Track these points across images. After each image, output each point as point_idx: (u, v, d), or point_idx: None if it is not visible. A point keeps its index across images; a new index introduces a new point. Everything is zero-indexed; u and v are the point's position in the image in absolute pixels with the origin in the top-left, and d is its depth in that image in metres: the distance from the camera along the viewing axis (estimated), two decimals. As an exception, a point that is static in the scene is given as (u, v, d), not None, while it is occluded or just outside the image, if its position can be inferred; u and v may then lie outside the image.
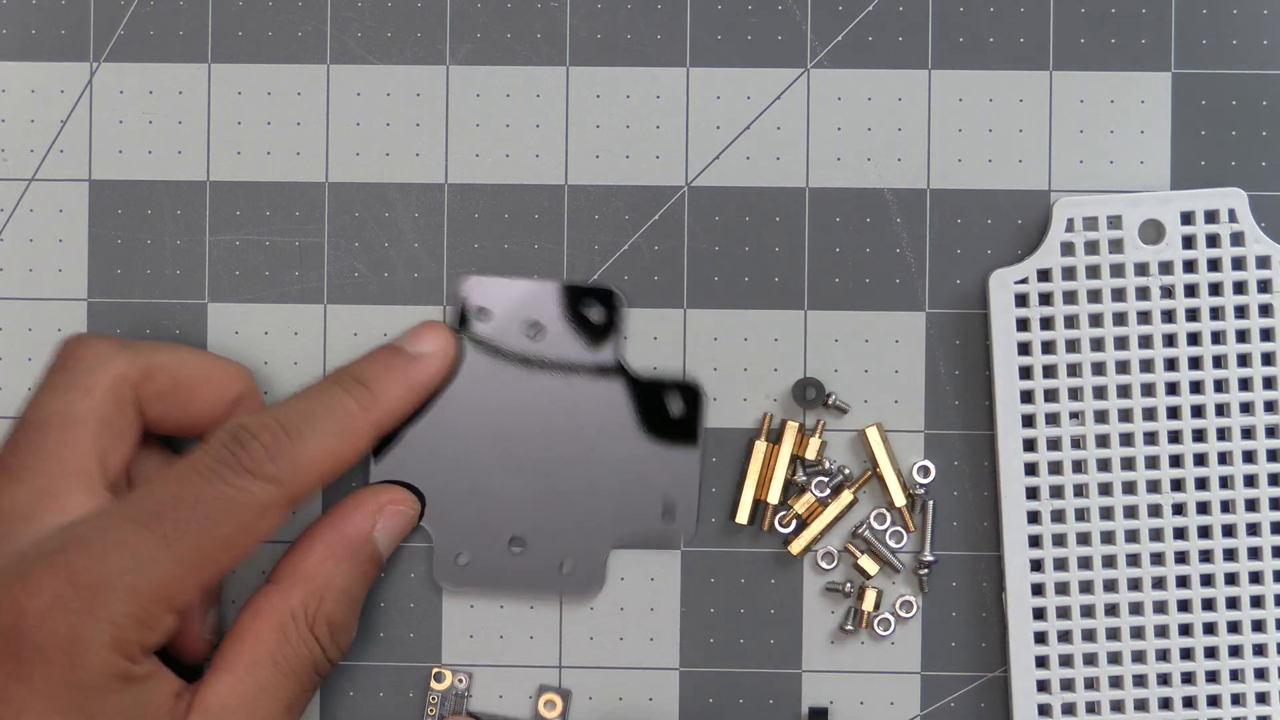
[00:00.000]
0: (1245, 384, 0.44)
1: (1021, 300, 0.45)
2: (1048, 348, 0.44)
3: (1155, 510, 0.44)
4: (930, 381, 0.46)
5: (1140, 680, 0.45)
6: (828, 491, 0.45)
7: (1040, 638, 0.45)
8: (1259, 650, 0.44)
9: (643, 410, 0.45)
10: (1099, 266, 0.44)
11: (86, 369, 0.42)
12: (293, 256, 0.46)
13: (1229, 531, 0.44)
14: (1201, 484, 0.44)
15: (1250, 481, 0.44)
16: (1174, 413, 0.44)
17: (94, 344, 0.43)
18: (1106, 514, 0.45)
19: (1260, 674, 0.44)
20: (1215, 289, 0.44)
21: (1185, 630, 0.45)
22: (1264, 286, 0.44)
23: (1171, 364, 0.44)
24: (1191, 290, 0.45)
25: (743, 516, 0.45)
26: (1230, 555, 0.44)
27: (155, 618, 0.39)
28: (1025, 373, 0.45)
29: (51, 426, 0.42)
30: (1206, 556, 0.44)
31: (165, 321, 0.46)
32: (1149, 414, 0.44)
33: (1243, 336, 0.44)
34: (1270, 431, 0.44)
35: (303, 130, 0.46)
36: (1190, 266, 0.45)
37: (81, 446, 0.41)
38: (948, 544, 0.46)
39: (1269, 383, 0.44)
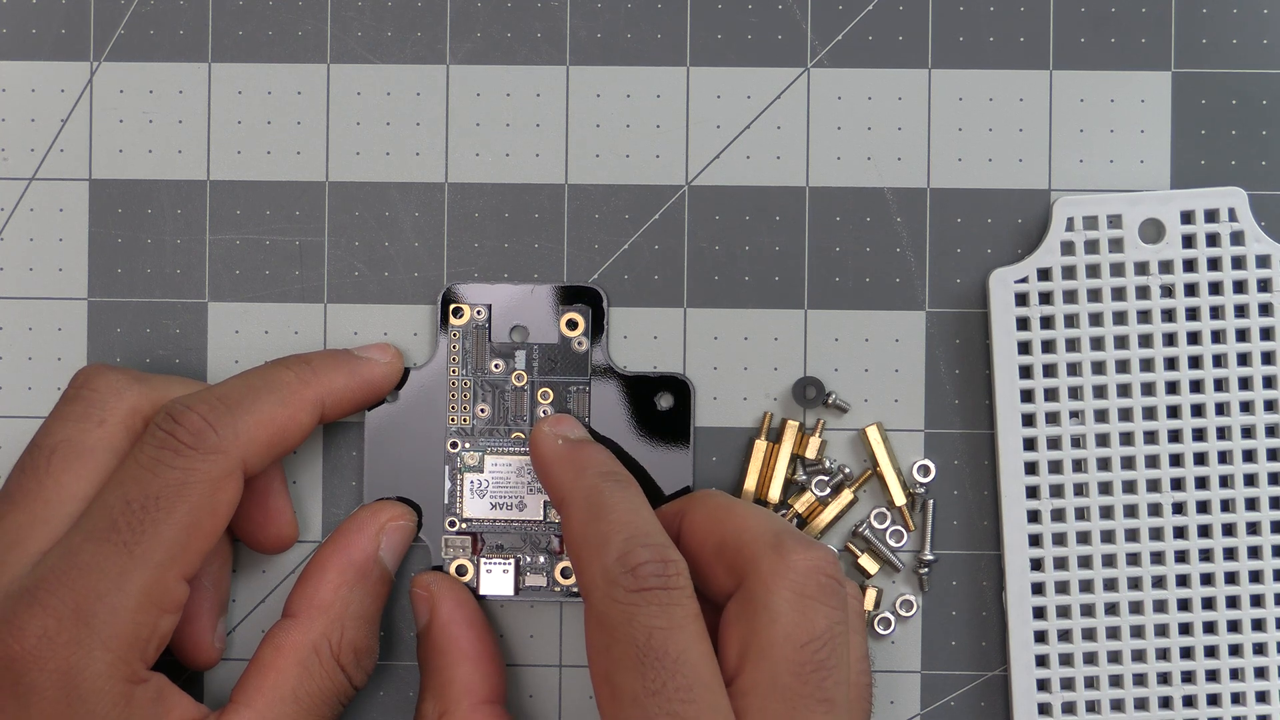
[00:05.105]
0: (1245, 383, 0.44)
1: (1021, 299, 0.45)
2: (1048, 347, 0.44)
3: (1155, 510, 0.44)
4: (930, 381, 0.46)
5: (1140, 680, 0.45)
6: (828, 491, 0.45)
7: (1040, 637, 0.45)
8: (1259, 650, 0.44)
9: (633, 409, 0.45)
10: (1099, 266, 0.44)
11: (100, 399, 0.42)
12: (293, 256, 0.46)
13: (1229, 531, 0.44)
14: (1201, 484, 0.44)
15: (1250, 481, 0.44)
16: (1174, 412, 0.44)
17: (108, 375, 0.42)
18: (1106, 514, 0.45)
19: (1260, 673, 0.44)
20: (1215, 288, 0.44)
21: (1185, 630, 0.45)
22: (1264, 286, 0.44)
23: (1171, 363, 0.44)
24: (1191, 289, 0.45)
25: (743, 516, 0.45)
26: (1230, 555, 0.44)
27: (147, 626, 0.39)
28: (1025, 372, 0.45)
29: (58, 453, 0.41)
30: (1206, 556, 0.44)
31: (165, 321, 0.46)
32: (1149, 413, 0.44)
33: (1243, 336, 0.44)
34: (1270, 431, 0.44)
35: (303, 130, 0.46)
36: (1190, 266, 0.45)
37: (86, 475, 0.41)
38: (948, 543, 0.46)
39: (1269, 382, 0.44)
